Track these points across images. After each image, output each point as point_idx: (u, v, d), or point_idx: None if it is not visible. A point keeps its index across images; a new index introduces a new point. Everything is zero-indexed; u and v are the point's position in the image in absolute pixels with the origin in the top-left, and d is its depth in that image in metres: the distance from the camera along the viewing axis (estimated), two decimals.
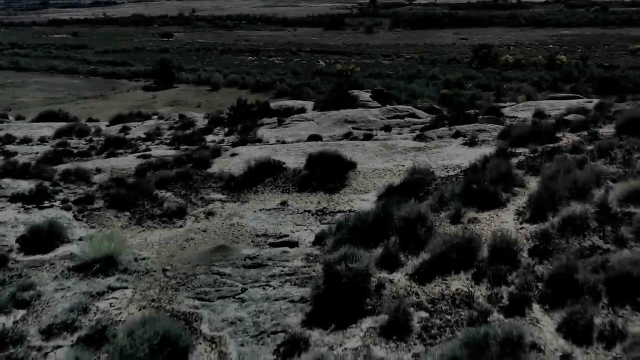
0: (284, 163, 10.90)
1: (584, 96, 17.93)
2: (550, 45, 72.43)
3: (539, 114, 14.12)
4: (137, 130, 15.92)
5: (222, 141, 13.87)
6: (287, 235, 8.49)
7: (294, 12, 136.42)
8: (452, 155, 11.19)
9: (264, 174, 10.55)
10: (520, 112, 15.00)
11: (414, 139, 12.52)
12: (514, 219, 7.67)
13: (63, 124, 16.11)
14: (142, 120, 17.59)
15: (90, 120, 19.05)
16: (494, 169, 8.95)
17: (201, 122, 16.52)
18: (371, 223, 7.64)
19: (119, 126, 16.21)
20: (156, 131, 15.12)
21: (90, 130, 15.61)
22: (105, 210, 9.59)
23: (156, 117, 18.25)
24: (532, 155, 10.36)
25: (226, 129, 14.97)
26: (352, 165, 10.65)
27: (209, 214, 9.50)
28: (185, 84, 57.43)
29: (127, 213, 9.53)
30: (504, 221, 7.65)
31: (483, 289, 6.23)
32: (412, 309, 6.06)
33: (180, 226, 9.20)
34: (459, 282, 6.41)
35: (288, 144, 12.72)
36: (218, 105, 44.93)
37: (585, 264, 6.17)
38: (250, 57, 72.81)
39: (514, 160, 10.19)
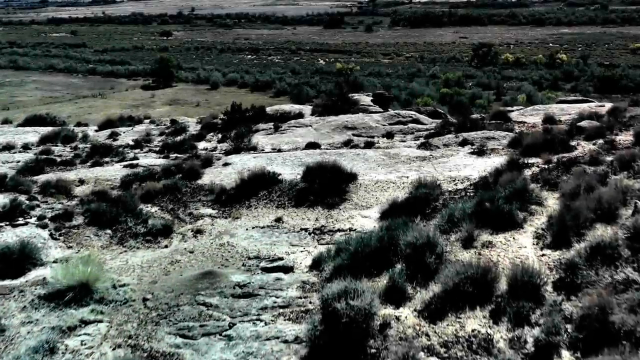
0: (280, 175, 10.05)
1: (594, 100, 17.04)
2: (550, 44, 71.55)
3: (549, 120, 13.26)
4: (127, 136, 15.02)
5: (215, 149, 13.00)
6: (281, 258, 7.65)
7: (293, 11, 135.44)
8: (459, 166, 10.34)
9: (257, 187, 9.69)
10: (529, 116, 14.13)
11: (419, 147, 11.67)
12: (533, 244, 6.83)
13: (49, 129, 15.20)
14: (133, 125, 16.68)
15: (79, 124, 18.15)
16: (508, 184, 8.12)
17: (193, 127, 15.63)
18: (374, 248, 6.80)
19: (107, 131, 15.30)
20: (146, 137, 14.23)
21: (76, 136, 14.69)
22: (85, 228, 8.75)
23: (148, 121, 17.34)
24: (546, 166, 9.52)
25: (219, 135, 14.06)
26: (352, 177, 9.80)
27: (198, 232, 8.66)
28: (184, 83, 56.52)
29: (109, 231, 8.68)
30: (522, 246, 6.81)
31: (503, 330, 5.40)
32: (422, 354, 5.24)
33: (166, 246, 8.35)
34: (475, 321, 5.57)
35: (284, 152, 11.86)
36: (217, 105, 44.10)
37: (620, 302, 5.34)
38: (249, 56, 71.92)
39: (527, 172, 9.36)
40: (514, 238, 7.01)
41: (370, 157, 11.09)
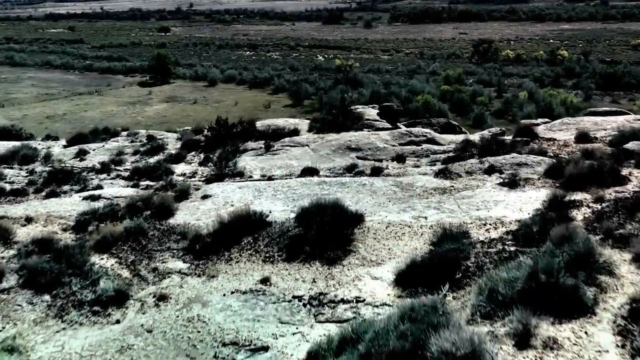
0: (269, 214, 7.93)
1: (629, 112, 14.92)
2: (551, 40, 69.18)
3: (583, 137, 11.13)
4: (97, 154, 12.79)
5: (194, 174, 10.85)
6: (266, 348, 5.57)
7: (292, 6, 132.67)
8: (489, 203, 8.22)
9: (241, 232, 7.59)
10: (558, 132, 11.99)
11: (436, 174, 9.53)
12: (617, 346, 4.75)
13: (11, 145, 12.98)
14: (108, 138, 14.41)
15: (48, 137, 15.93)
16: (563, 241, 6.03)
17: (173, 145, 13.42)
18: (393, 350, 4.73)
19: (75, 148, 13.04)
20: (117, 157, 12.03)
21: (38, 155, 12.39)
22: (18, 293, 6.64)
23: (125, 133, 15.07)
24: (600, 207, 7.42)
25: (202, 156, 11.86)
26: (358, 218, 7.70)
27: (161, 299, 6.56)
28: (182, 80, 54.26)
29: (47, 297, 6.58)
30: (600, 348, 4.74)
31: None
32: None
33: (117, 321, 6.25)
34: None
35: (276, 180, 9.72)
36: (214, 102, 41.95)
37: None
38: (247, 52, 69.48)
39: (577, 215, 7.28)
40: (586, 333, 4.92)
41: (379, 188, 8.97)
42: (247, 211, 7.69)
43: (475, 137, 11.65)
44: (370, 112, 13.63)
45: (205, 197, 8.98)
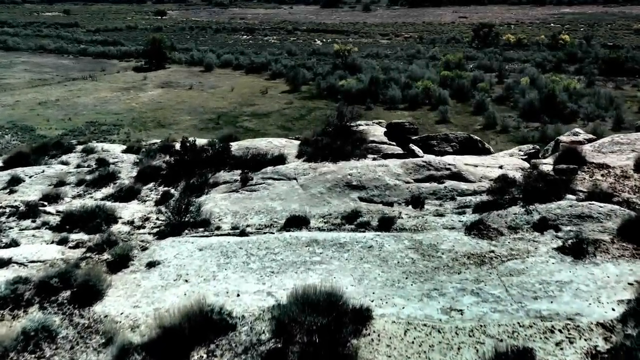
0: (231, 313, 5.21)
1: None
2: (552, 24, 65.67)
3: None
4: (33, 182, 9.75)
5: (146, 220, 7.99)
6: None
7: None
8: (549, 285, 5.50)
9: (191, 341, 4.91)
10: (610, 155, 9.17)
11: (468, 229, 6.80)
12: None
13: None
14: (56, 157, 11.38)
15: None
16: None
17: (128, 171, 10.40)
18: None
19: (8, 174, 9.97)
20: (54, 191, 8.99)
21: None
22: None
23: (80, 148, 12.01)
24: None
25: (161, 190, 9.05)
26: (362, 318, 5.00)
27: None
28: (177, 65, 51.08)
29: None
30: None
31: None
32: None
33: None
34: None
35: (251, 236, 6.98)
36: (210, 88, 38.96)
37: None
38: (245, 36, 65.96)
39: None
40: None
41: (391, 253, 6.23)
42: (200, 308, 4.98)
43: (512, 171, 8.51)
44: (376, 131, 10.65)
45: (151, 264, 6.24)
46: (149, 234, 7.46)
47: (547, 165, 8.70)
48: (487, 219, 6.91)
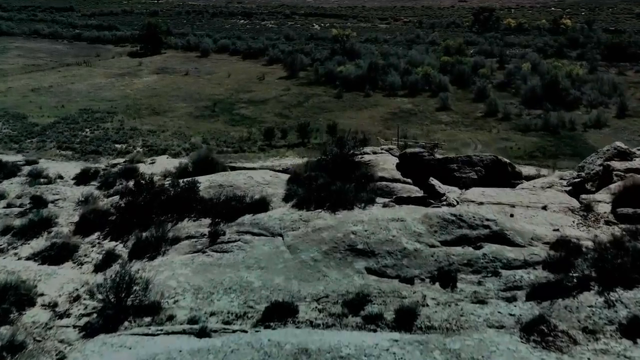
0: None
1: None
2: (553, 8, 64.63)
3: None
4: None
5: (75, 300, 6.14)
6: None
7: None
8: None
9: None
10: None
11: (524, 331, 5.01)
12: None
13: None
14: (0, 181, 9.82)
15: None
16: None
17: (68, 214, 8.43)
18: None
19: None
20: None
21: None
22: None
23: (27, 171, 10.04)
24: None
25: (105, 245, 7.18)
26: None
27: None
28: (173, 50, 50.04)
29: None
30: None
31: None
32: None
33: None
34: None
35: (214, 338, 5.24)
36: (207, 74, 38.02)
37: None
38: (242, 21, 64.77)
39: None
40: None
41: None
42: None
43: (570, 228, 6.74)
44: (386, 163, 8.40)
45: None
46: (74, 326, 5.81)
47: (603, 204, 7.28)
48: (550, 314, 5.17)
